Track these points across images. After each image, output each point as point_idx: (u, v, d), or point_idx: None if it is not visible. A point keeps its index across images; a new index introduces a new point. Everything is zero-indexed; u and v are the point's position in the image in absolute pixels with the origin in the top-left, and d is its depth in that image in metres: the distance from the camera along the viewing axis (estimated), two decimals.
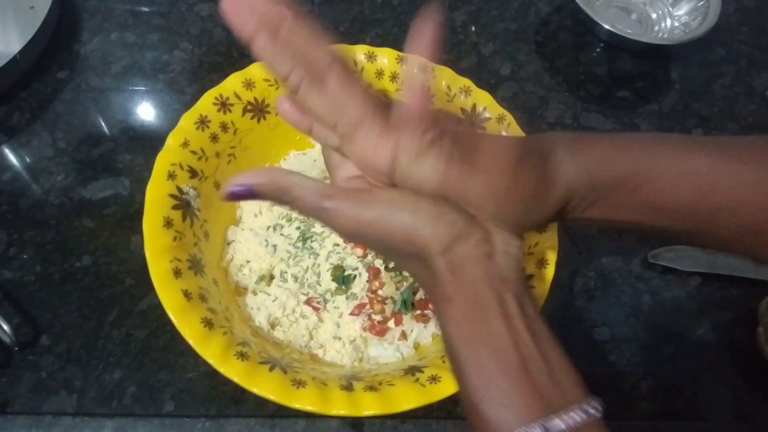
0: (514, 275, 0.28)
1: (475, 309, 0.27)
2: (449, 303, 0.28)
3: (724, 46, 0.64)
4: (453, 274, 0.28)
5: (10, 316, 0.44)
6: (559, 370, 0.27)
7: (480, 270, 0.28)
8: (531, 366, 0.26)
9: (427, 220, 0.28)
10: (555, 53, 0.63)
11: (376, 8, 0.64)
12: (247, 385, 0.34)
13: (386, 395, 0.35)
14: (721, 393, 0.44)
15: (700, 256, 0.49)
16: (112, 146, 0.53)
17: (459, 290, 0.28)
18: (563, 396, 0.26)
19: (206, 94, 0.45)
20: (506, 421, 0.25)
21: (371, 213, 0.28)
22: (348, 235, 0.30)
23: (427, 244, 0.28)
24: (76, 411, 0.42)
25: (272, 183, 0.29)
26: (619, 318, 0.47)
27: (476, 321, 0.27)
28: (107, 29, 0.61)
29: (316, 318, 0.44)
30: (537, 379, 0.26)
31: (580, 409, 0.25)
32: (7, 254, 0.48)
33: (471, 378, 0.27)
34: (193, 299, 0.37)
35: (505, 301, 0.27)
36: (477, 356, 0.27)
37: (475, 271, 0.28)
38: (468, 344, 0.27)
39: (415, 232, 0.28)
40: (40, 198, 0.50)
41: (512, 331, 0.27)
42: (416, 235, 0.28)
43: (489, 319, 0.27)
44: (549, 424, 0.25)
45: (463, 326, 0.27)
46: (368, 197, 0.29)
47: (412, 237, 0.28)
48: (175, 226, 0.40)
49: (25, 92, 0.56)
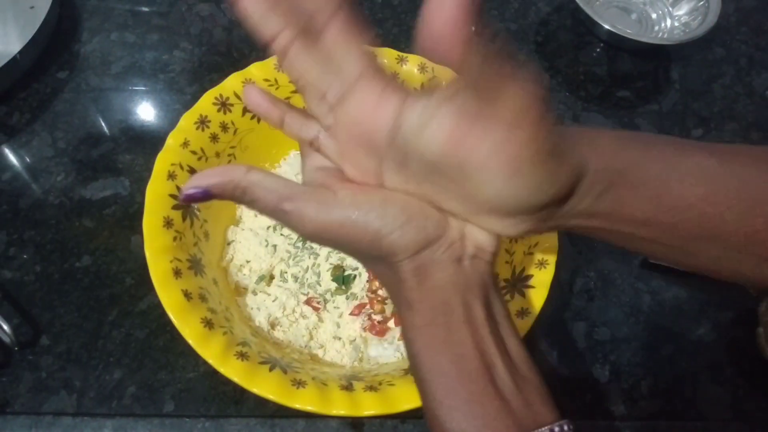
0: (483, 280, 0.27)
1: (438, 315, 0.26)
2: (411, 309, 0.27)
3: (724, 46, 0.64)
4: (417, 280, 0.26)
5: (10, 316, 0.44)
6: (527, 381, 0.26)
7: (446, 275, 0.26)
8: (496, 375, 0.25)
9: (395, 225, 0.26)
10: (555, 53, 0.63)
11: (376, 8, 0.64)
12: (247, 385, 0.34)
13: (386, 395, 0.35)
14: (721, 393, 0.45)
15: None
16: (112, 146, 0.53)
17: (422, 296, 0.26)
18: (529, 408, 0.25)
19: (206, 94, 0.45)
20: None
21: (335, 216, 0.26)
22: (310, 237, 0.28)
23: (393, 249, 0.26)
24: (76, 411, 0.42)
25: (229, 183, 0.27)
26: (619, 318, 0.47)
27: (439, 327, 0.26)
28: (107, 29, 0.61)
29: (316, 318, 0.44)
30: (502, 389, 0.25)
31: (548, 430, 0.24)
32: (7, 254, 0.48)
33: (432, 387, 0.25)
34: (193, 299, 0.37)
35: (471, 307, 0.26)
36: (438, 363, 0.25)
37: (440, 277, 0.26)
38: (429, 351, 0.26)
39: (381, 237, 0.26)
40: (40, 198, 0.50)
41: (477, 338, 0.25)
42: (383, 241, 0.26)
43: (452, 325, 0.26)
44: None
45: (425, 333, 0.26)
46: (332, 199, 0.26)
47: (378, 243, 0.26)
48: (175, 226, 0.40)
49: (25, 92, 0.56)
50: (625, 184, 0.27)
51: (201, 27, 0.62)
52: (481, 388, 0.25)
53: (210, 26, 0.62)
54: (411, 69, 0.47)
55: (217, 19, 0.62)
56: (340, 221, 0.26)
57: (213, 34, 0.61)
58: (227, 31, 0.61)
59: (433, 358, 0.26)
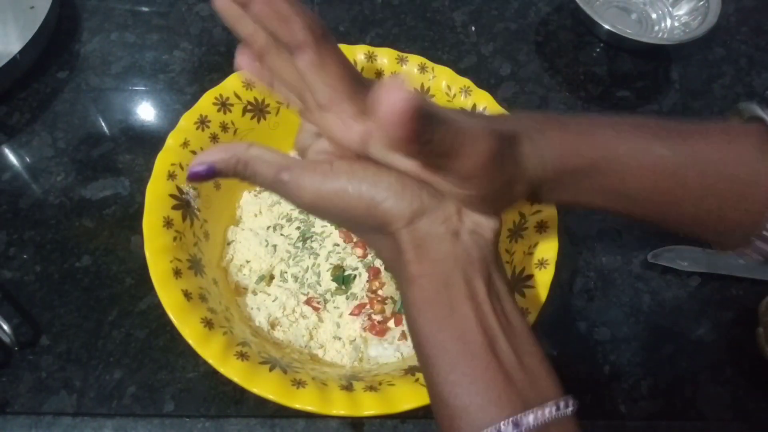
0: (483, 255, 0.27)
1: (440, 290, 0.26)
2: (412, 284, 0.27)
3: (724, 46, 0.64)
4: (416, 253, 0.27)
5: (10, 316, 0.44)
6: (531, 357, 0.26)
7: (445, 248, 0.27)
8: (499, 351, 0.25)
9: (389, 192, 0.26)
10: (555, 53, 0.63)
11: (376, 8, 0.64)
12: (247, 385, 0.34)
13: (386, 395, 0.35)
14: (721, 393, 0.45)
15: (700, 256, 0.49)
16: (112, 146, 0.53)
17: (422, 270, 0.26)
18: (533, 384, 0.25)
19: (206, 94, 0.45)
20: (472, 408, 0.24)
21: (331, 185, 0.27)
22: (308, 208, 0.28)
23: (388, 217, 0.27)
24: (76, 411, 0.42)
25: (233, 157, 0.28)
26: (619, 318, 0.47)
27: (441, 303, 0.26)
28: (107, 29, 0.61)
29: (316, 318, 0.44)
30: (506, 365, 0.25)
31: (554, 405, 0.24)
32: (7, 254, 0.48)
33: (436, 364, 0.25)
34: (193, 299, 0.37)
35: (472, 283, 0.26)
36: (441, 340, 0.25)
37: (439, 249, 0.27)
38: (432, 328, 0.26)
39: (376, 205, 0.26)
40: (40, 198, 0.50)
41: (479, 314, 0.26)
42: (378, 209, 0.27)
43: (454, 301, 0.26)
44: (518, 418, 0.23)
45: (428, 309, 0.26)
46: (328, 170, 0.27)
47: (374, 210, 0.27)
48: (175, 226, 0.40)
49: (25, 92, 0.56)
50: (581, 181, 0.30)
51: (201, 27, 0.62)
52: (485, 364, 0.25)
53: (210, 26, 0.62)
54: (411, 69, 0.47)
55: (217, 19, 0.62)
56: (335, 190, 0.27)
57: (213, 34, 0.61)
58: (227, 31, 0.61)
59: (436, 336, 0.26)
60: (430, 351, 0.26)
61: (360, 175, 0.27)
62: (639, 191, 0.30)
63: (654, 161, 0.29)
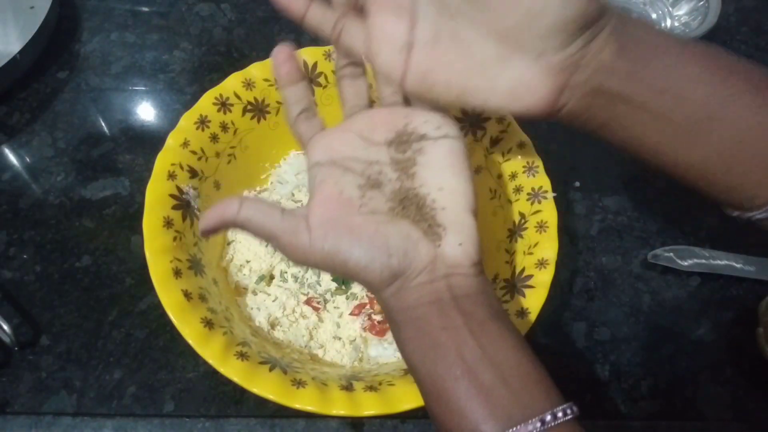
0: (455, 294, 0.30)
1: (420, 328, 0.29)
2: (397, 326, 0.30)
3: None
4: (397, 304, 0.30)
5: (10, 316, 0.44)
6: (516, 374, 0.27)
7: (419, 296, 0.30)
8: (480, 374, 0.27)
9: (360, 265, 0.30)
10: None
11: None
12: (247, 385, 0.34)
13: (386, 395, 0.35)
14: (721, 393, 0.44)
15: (700, 256, 0.49)
16: (112, 146, 0.53)
17: (404, 317, 0.30)
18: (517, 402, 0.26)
19: (206, 94, 0.45)
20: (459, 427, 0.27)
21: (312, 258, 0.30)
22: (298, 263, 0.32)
23: (367, 284, 0.31)
24: (76, 411, 0.42)
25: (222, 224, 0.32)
26: (619, 318, 0.47)
27: (422, 338, 0.29)
28: (107, 29, 0.61)
29: (316, 318, 0.44)
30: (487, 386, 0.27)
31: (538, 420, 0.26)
32: (7, 254, 0.48)
33: (425, 389, 0.29)
34: (193, 299, 0.37)
35: (447, 316, 0.29)
36: (426, 367, 0.29)
37: (415, 298, 0.30)
38: (417, 357, 0.29)
39: (355, 274, 0.30)
40: (40, 198, 0.50)
41: (457, 342, 0.28)
42: (358, 277, 0.30)
43: (432, 334, 0.29)
44: None
45: (412, 343, 0.30)
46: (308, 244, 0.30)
47: (355, 277, 0.30)
48: (175, 226, 0.40)
49: (25, 92, 0.56)
50: (646, 47, 0.30)
51: (201, 27, 0.62)
52: (465, 386, 0.27)
53: (210, 26, 0.62)
54: None
55: (217, 19, 0.62)
56: (316, 261, 0.30)
57: (213, 34, 0.61)
58: (227, 31, 0.61)
59: (423, 364, 0.29)
60: (419, 377, 0.29)
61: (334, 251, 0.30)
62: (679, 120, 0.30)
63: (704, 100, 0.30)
